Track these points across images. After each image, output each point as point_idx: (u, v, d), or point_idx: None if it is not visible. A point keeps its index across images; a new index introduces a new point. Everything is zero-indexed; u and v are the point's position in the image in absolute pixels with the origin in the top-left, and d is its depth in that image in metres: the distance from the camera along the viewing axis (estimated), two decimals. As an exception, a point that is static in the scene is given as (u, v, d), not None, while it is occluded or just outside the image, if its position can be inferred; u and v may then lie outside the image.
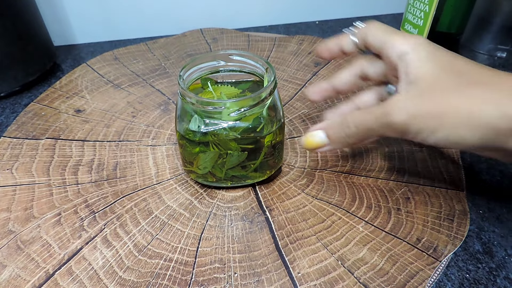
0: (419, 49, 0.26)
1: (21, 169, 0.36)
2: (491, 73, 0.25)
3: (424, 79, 0.25)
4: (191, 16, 0.64)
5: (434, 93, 0.24)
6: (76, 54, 0.59)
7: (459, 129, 0.23)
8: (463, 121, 0.23)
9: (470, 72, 0.25)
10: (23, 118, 0.43)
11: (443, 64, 0.25)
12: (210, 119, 0.30)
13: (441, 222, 0.31)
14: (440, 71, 0.25)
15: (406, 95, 0.25)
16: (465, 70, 0.25)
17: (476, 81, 0.24)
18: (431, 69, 0.25)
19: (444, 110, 0.23)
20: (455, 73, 0.25)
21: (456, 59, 0.26)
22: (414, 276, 0.27)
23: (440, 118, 0.24)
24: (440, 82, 0.25)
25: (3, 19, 0.44)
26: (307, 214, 0.32)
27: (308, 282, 0.27)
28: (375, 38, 0.30)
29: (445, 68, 0.25)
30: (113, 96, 0.47)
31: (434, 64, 0.25)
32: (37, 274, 0.27)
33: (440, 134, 0.24)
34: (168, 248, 0.29)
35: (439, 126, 0.24)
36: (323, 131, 0.29)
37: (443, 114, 0.23)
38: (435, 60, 0.26)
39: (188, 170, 0.34)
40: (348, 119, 0.28)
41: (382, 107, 0.26)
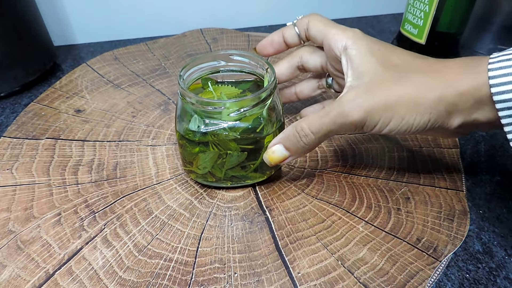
0: (360, 43, 0.28)
1: (21, 169, 0.36)
2: (421, 61, 0.27)
3: (367, 74, 0.27)
4: (191, 16, 0.64)
5: (380, 86, 0.26)
6: (76, 54, 0.59)
7: (407, 116, 0.26)
8: (410, 108, 0.25)
9: (406, 63, 0.27)
10: (23, 118, 0.43)
11: (382, 59, 0.27)
12: (210, 119, 0.30)
13: (441, 222, 0.31)
14: (381, 65, 0.27)
15: (357, 92, 0.27)
16: (400, 62, 0.27)
17: (411, 70, 0.27)
18: (373, 64, 0.27)
19: (393, 101, 0.26)
20: (394, 66, 0.27)
21: (392, 53, 0.28)
22: (414, 276, 0.27)
23: (391, 109, 0.26)
24: (382, 75, 0.27)
25: (3, 19, 0.44)
26: (307, 214, 0.32)
27: (308, 282, 0.27)
28: (317, 30, 0.32)
29: (383, 62, 0.27)
30: (113, 96, 0.47)
31: (375, 59, 0.27)
32: (37, 274, 0.27)
33: (392, 124, 0.26)
34: (168, 248, 0.29)
35: (390, 116, 0.26)
36: (281, 144, 0.29)
37: (392, 105, 0.26)
38: (374, 54, 0.28)
39: (188, 170, 0.34)
40: (304, 127, 0.28)
41: (336, 108, 0.27)
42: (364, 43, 0.28)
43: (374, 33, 0.64)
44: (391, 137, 0.39)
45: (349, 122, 0.27)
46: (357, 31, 0.29)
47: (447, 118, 0.26)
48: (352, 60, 0.28)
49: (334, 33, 0.30)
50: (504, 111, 0.23)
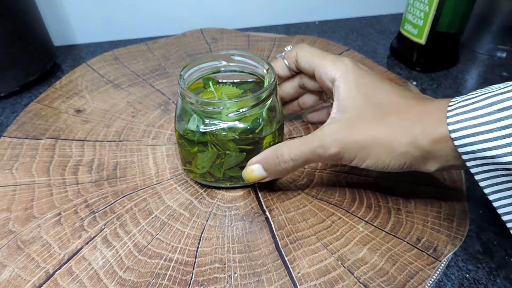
0: (347, 76, 0.29)
1: (21, 169, 0.36)
2: (404, 102, 0.27)
3: (350, 110, 0.28)
4: (191, 16, 0.64)
5: (359, 125, 0.27)
6: (76, 54, 0.59)
7: (383, 157, 0.26)
8: (385, 151, 0.26)
9: (388, 103, 0.27)
10: (23, 118, 0.43)
11: (366, 95, 0.28)
12: (210, 119, 0.30)
13: (441, 222, 0.31)
14: (364, 103, 0.28)
15: (338, 126, 0.27)
16: (384, 101, 0.27)
17: (392, 112, 0.27)
18: (356, 100, 0.28)
19: (368, 141, 0.26)
20: (376, 105, 0.27)
21: (378, 88, 0.28)
22: (414, 276, 0.27)
23: (366, 149, 0.26)
24: (363, 113, 0.27)
25: (3, 19, 0.44)
26: (307, 214, 0.32)
27: (308, 282, 0.27)
28: (306, 62, 0.32)
29: (367, 99, 0.28)
30: (113, 96, 0.47)
31: (359, 95, 0.28)
32: (37, 274, 0.27)
33: (368, 162, 0.27)
34: (168, 248, 0.29)
35: (367, 155, 0.27)
36: (260, 165, 0.30)
37: (368, 145, 0.26)
38: (360, 90, 0.28)
39: (187, 170, 0.34)
40: (284, 152, 0.29)
41: (317, 139, 0.28)
42: (352, 76, 0.29)
43: (374, 33, 0.64)
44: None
45: (327, 155, 0.27)
46: (346, 62, 0.30)
47: (423, 163, 0.26)
48: (339, 92, 0.29)
49: (324, 65, 0.30)
50: (471, 161, 0.23)
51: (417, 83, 0.51)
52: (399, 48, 0.55)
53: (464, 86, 0.50)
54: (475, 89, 0.49)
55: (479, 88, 0.50)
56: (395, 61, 0.56)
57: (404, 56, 0.54)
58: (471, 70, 0.54)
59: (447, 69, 0.54)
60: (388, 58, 0.57)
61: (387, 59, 0.57)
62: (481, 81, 0.52)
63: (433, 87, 0.50)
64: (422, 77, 0.52)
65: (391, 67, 0.54)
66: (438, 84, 0.51)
